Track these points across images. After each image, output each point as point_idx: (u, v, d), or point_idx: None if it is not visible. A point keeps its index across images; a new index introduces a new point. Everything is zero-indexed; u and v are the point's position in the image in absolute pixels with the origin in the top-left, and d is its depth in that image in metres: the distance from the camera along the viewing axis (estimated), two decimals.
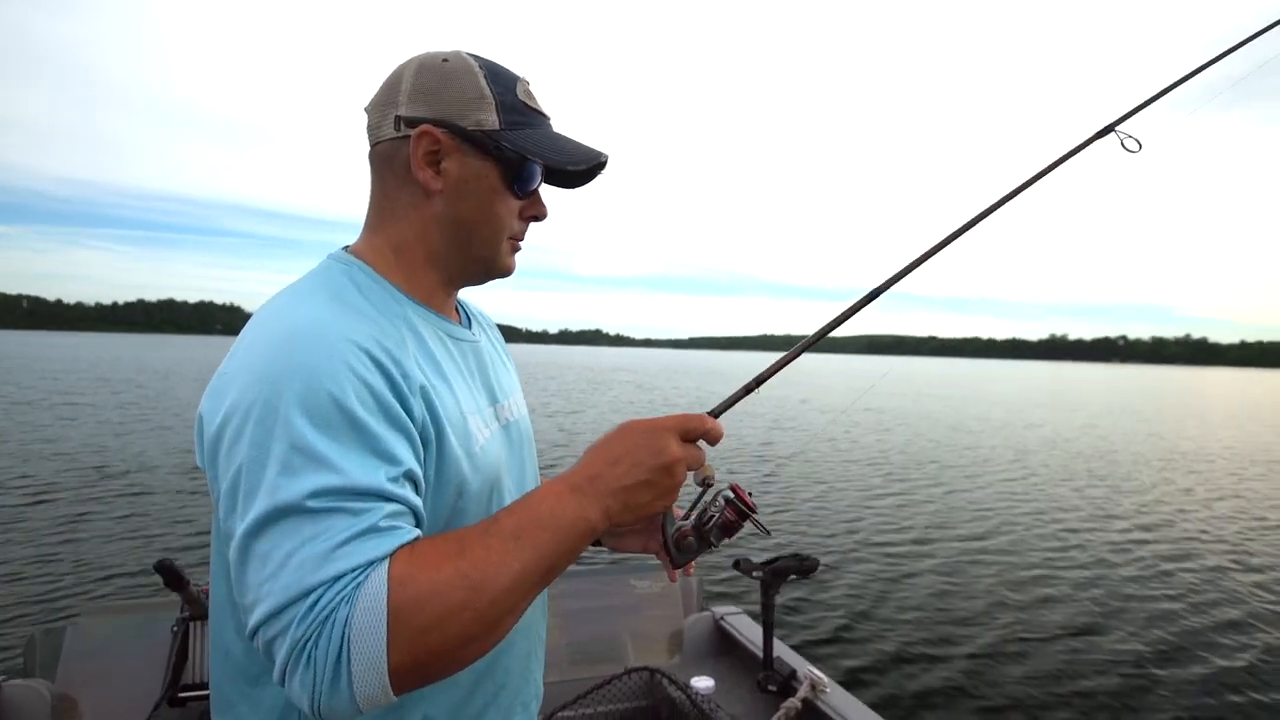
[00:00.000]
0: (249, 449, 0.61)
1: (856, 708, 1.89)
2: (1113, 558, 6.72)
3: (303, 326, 0.66)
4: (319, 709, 0.56)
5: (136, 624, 2.02)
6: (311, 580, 0.56)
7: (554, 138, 0.82)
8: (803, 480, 10.20)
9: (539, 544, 0.63)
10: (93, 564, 5.65)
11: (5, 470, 9.23)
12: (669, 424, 0.72)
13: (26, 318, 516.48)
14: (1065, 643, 4.69)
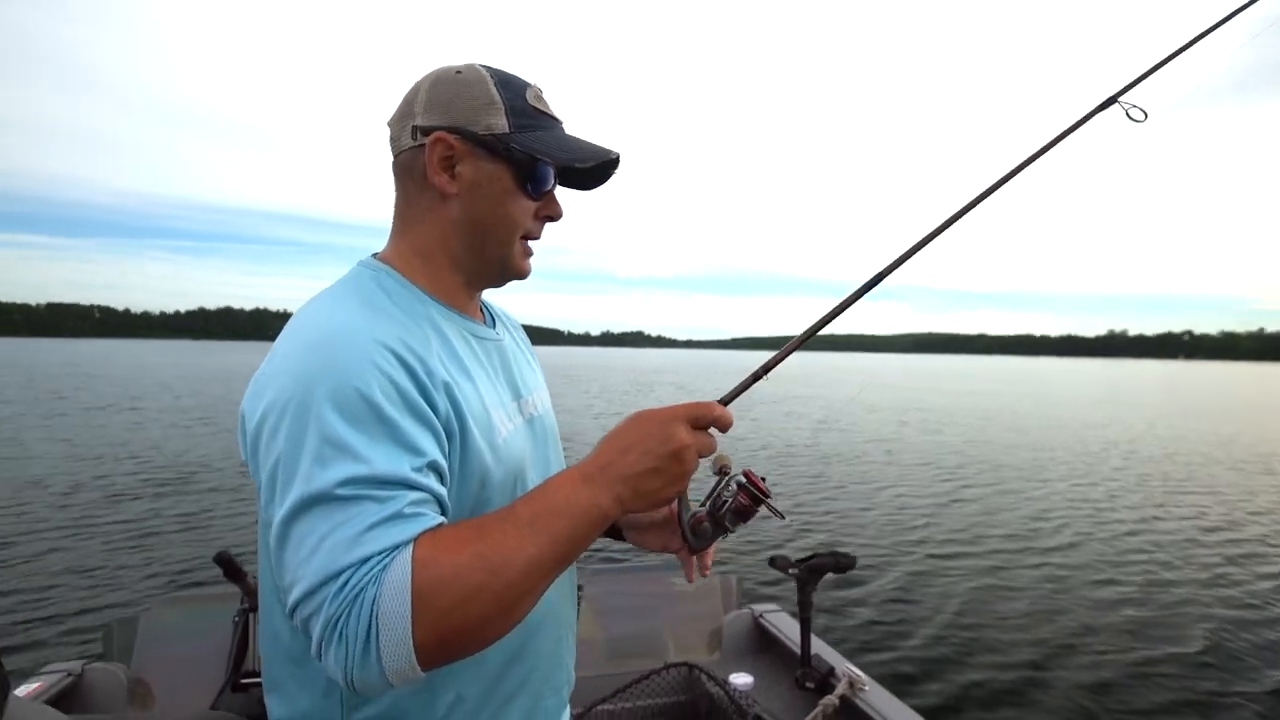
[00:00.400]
0: (285, 443, 0.66)
1: (895, 706, 1.88)
2: (1178, 561, 6.46)
3: (334, 330, 0.71)
4: (352, 682, 0.60)
5: (202, 614, 2.15)
6: (342, 562, 0.61)
7: (563, 138, 0.85)
8: (852, 480, 10.07)
9: (553, 530, 0.67)
10: (162, 558, 5.99)
11: (84, 471, 9.79)
12: (678, 412, 0.74)
13: (99, 326, 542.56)
14: (1121, 649, 4.53)
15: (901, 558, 6.32)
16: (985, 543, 6.93)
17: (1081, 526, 7.67)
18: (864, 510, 8.22)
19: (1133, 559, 6.51)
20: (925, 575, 5.88)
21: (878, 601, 5.27)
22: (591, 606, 2.40)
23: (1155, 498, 9.39)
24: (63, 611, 4.71)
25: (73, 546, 6.33)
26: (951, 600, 5.33)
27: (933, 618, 4.98)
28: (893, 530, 7.34)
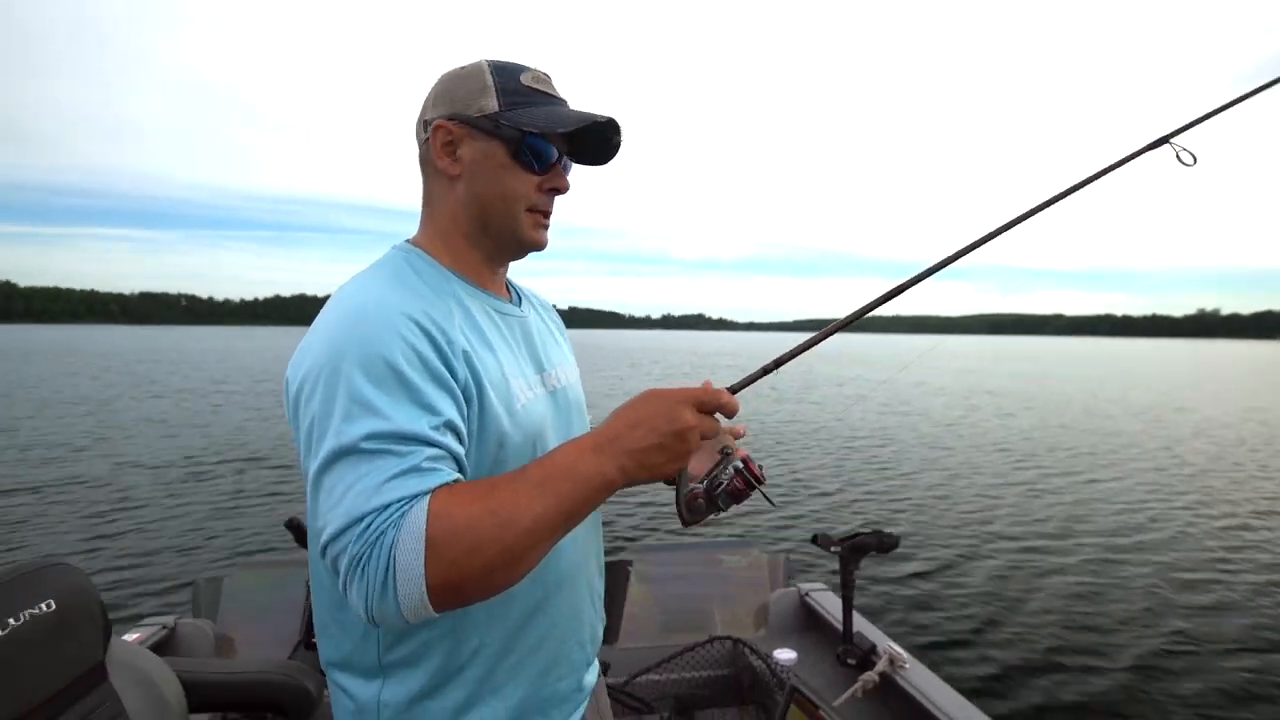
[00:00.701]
0: (319, 403, 0.73)
1: (934, 683, 1.89)
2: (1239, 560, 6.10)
3: (364, 304, 0.78)
4: (372, 615, 0.67)
5: (280, 577, 2.33)
6: (365, 507, 0.67)
7: (550, 111, 0.88)
8: (911, 461, 9.89)
9: (560, 492, 0.71)
10: (244, 527, 6.59)
11: (175, 450, 10.60)
12: (687, 395, 0.78)
13: (185, 314, 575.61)
14: (1170, 636, 4.35)
15: (959, 542, 6.19)
16: (1043, 529, 6.70)
17: (1151, 516, 7.32)
18: (922, 492, 8.07)
19: (1191, 552, 6.19)
20: (980, 560, 5.76)
21: (930, 583, 5.23)
22: (642, 581, 2.48)
23: (1238, 492, 8.85)
24: (160, 575, 5.25)
25: (166, 515, 6.97)
26: (1004, 584, 5.24)
27: (984, 601, 4.92)
28: (951, 513, 7.19)
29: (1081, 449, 11.39)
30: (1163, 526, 6.91)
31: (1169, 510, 7.54)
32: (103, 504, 7.39)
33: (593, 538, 1.03)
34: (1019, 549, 6.08)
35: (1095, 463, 10.22)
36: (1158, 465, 10.16)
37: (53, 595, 1.21)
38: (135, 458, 9.89)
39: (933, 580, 5.31)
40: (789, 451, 10.94)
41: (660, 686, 2.18)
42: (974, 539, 6.35)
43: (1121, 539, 6.45)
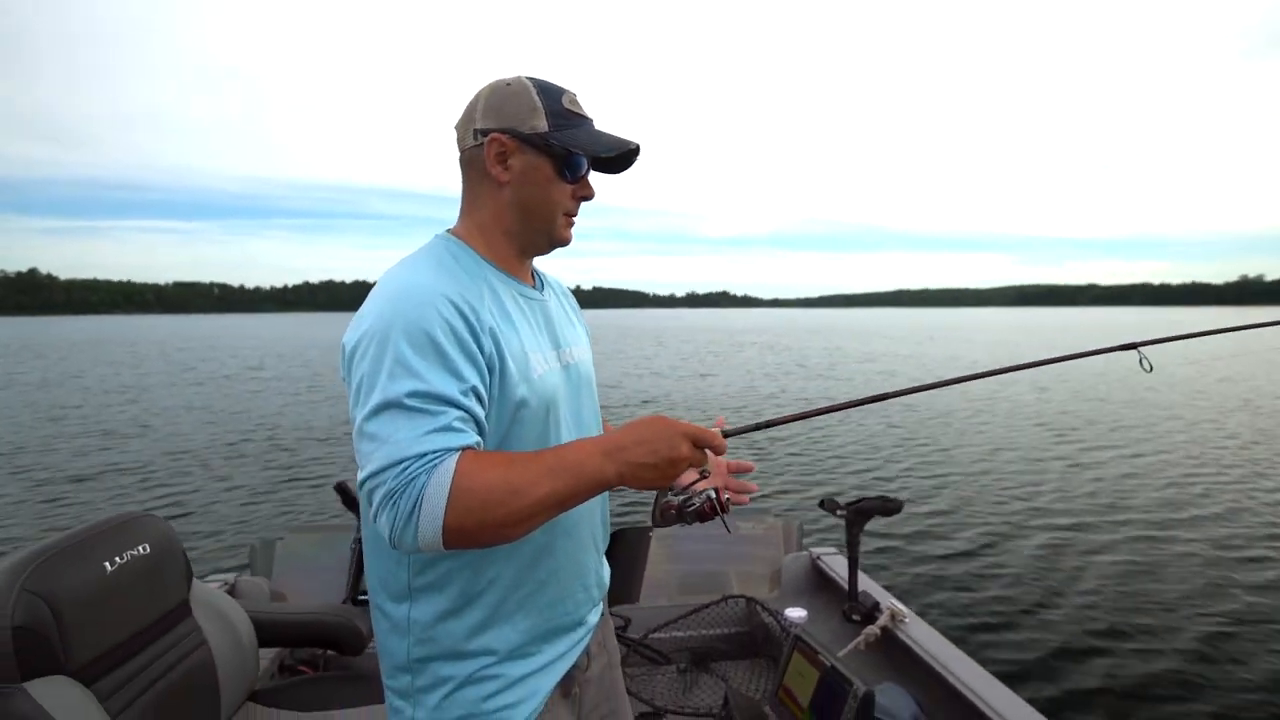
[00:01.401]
0: (370, 363, 0.88)
1: (932, 636, 2.02)
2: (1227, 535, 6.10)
3: (411, 284, 0.94)
4: (394, 540, 0.83)
5: (328, 540, 2.53)
6: (405, 453, 0.82)
7: (592, 133, 1.05)
8: (927, 433, 9.93)
9: (565, 480, 0.86)
10: (291, 499, 7.26)
11: (221, 432, 11.15)
12: (689, 430, 0.92)
13: (218, 303, 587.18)
14: (1152, 603, 4.42)
15: (971, 509, 6.30)
16: (1066, 502, 6.75)
17: (1178, 489, 7.31)
18: (940, 462, 8.14)
19: (1207, 523, 6.20)
20: (989, 527, 5.88)
21: (935, 546, 5.46)
22: (662, 545, 2.63)
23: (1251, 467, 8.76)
24: (215, 544, 5.80)
25: (217, 491, 7.57)
26: (1012, 552, 5.39)
27: (984, 562, 5.14)
28: (970, 485, 7.26)
29: (1115, 423, 11.29)
30: (1176, 495, 6.92)
31: (1184, 479, 7.53)
32: (155, 484, 7.87)
33: (599, 496, 1.17)
34: (1041, 522, 6.15)
35: (1128, 436, 10.14)
36: (1195, 439, 10.06)
37: (147, 541, 1.41)
38: (181, 442, 10.36)
39: (937, 544, 5.52)
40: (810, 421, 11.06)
41: (678, 641, 2.34)
42: (983, 507, 6.46)
43: (1127, 502, 6.51)
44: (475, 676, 1.00)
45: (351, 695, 1.65)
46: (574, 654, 1.13)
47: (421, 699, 1.01)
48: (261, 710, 1.61)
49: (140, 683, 1.33)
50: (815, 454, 8.87)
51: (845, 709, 1.59)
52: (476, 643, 1.00)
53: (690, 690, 2.10)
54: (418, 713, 1.01)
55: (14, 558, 1.22)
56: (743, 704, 1.81)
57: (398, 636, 1.01)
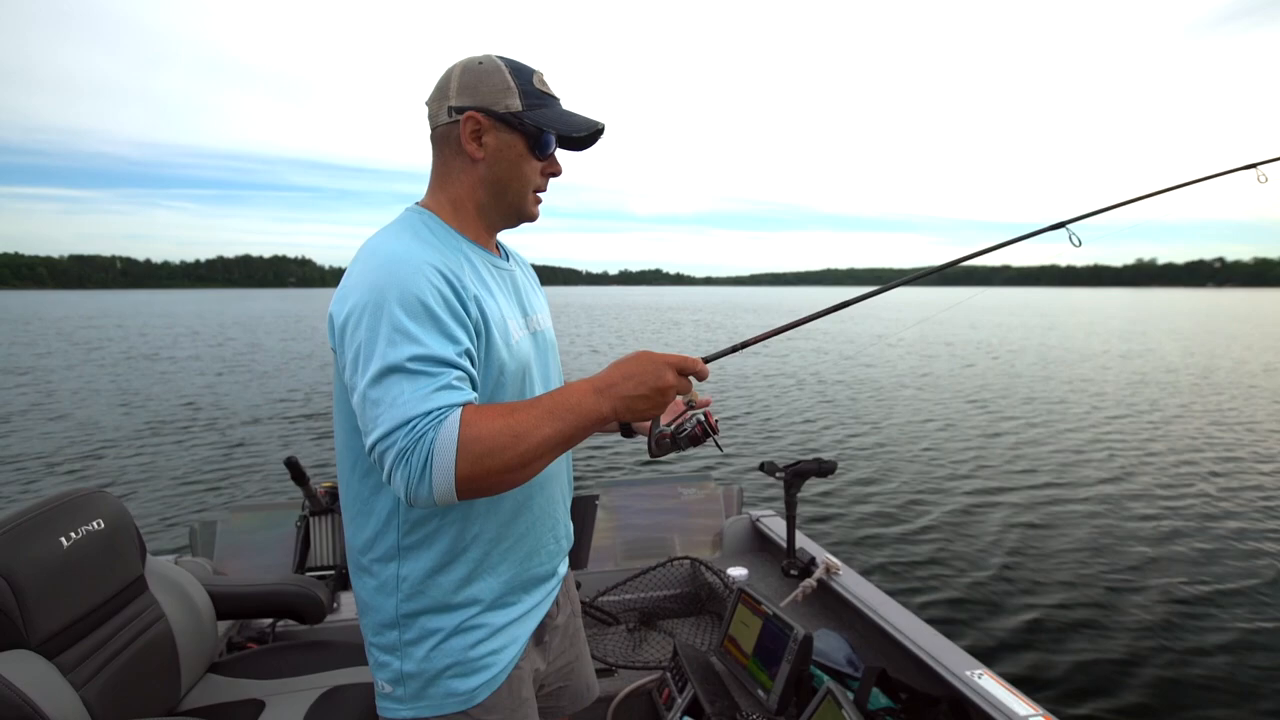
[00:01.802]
0: (366, 332, 0.91)
1: (863, 584, 2.18)
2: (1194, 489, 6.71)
3: (398, 254, 0.96)
4: (410, 497, 0.87)
5: (270, 518, 2.50)
6: (413, 412, 0.86)
7: (562, 113, 1.10)
8: (870, 408, 10.37)
9: (564, 420, 0.91)
10: (227, 481, 6.92)
11: (149, 414, 10.59)
12: (671, 360, 0.99)
13: (121, 277, 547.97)
14: (1068, 547, 4.88)
15: (897, 472, 6.70)
16: (985, 463, 7.25)
17: (1094, 448, 7.94)
18: (868, 432, 8.56)
19: (1104, 474, 6.78)
20: (914, 487, 6.30)
21: (866, 503, 5.92)
22: (608, 513, 2.72)
23: (1152, 430, 9.56)
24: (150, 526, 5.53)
25: (142, 476, 7.19)
26: (936, 508, 5.84)
27: (912, 519, 5.59)
28: (900, 451, 7.69)
29: (1030, 394, 12.05)
30: (1067, 453, 7.51)
31: (1076, 437, 8.16)
32: (71, 469, 7.44)
33: (567, 454, 1.24)
34: (952, 479, 6.59)
35: (1038, 408, 10.85)
36: (1098, 407, 10.86)
37: (101, 516, 1.39)
38: (100, 428, 9.77)
39: (867, 500, 5.97)
40: (751, 391, 11.42)
41: (626, 602, 2.44)
42: (911, 469, 6.87)
43: (1033, 465, 7.03)
44: (462, 627, 1.06)
45: (312, 662, 1.67)
46: (548, 603, 1.20)
47: (409, 651, 1.06)
48: (223, 681, 1.62)
49: (101, 656, 1.33)
50: (755, 426, 9.21)
51: (786, 652, 1.71)
52: (463, 594, 1.06)
53: (640, 646, 2.20)
54: (405, 665, 1.06)
55: None
56: (691, 655, 1.91)
57: (384, 595, 1.06)
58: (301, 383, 13.88)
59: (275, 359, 18.37)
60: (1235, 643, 3.69)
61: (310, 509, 2.39)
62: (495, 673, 1.09)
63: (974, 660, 1.69)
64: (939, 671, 1.67)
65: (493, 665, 1.09)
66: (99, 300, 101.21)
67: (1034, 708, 1.48)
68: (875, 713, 1.65)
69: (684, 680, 1.82)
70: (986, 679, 1.60)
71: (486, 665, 1.08)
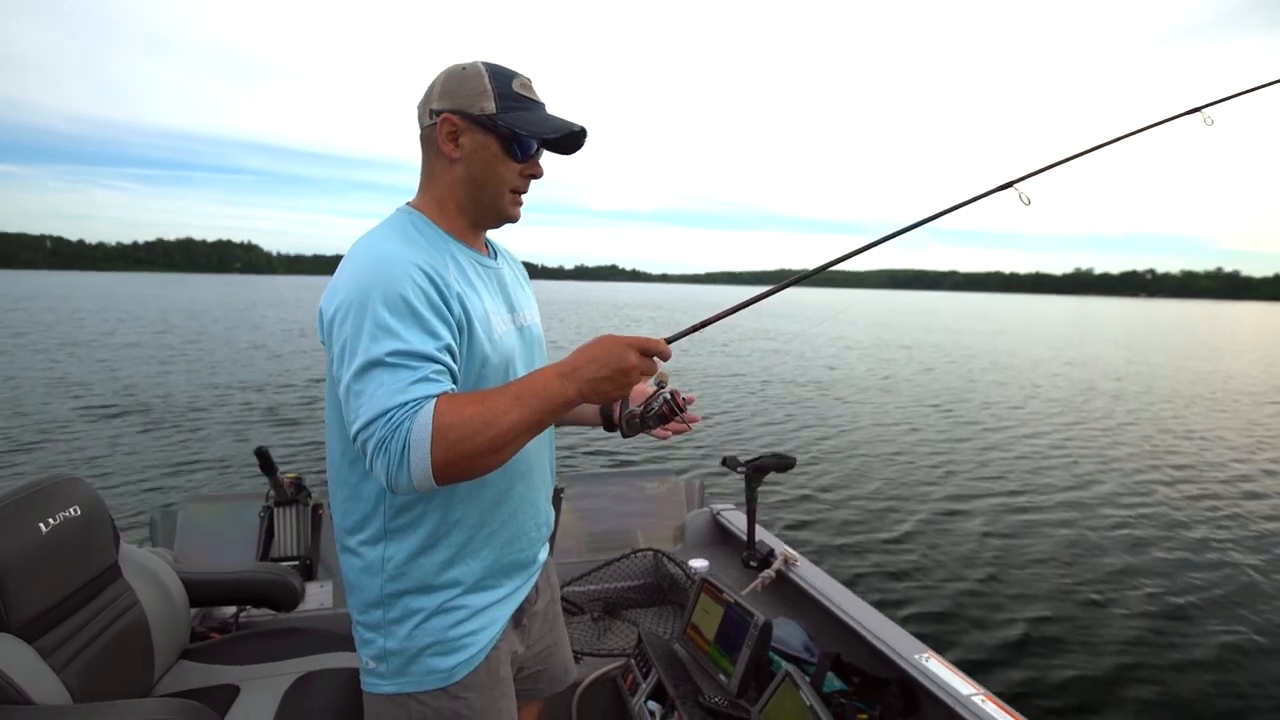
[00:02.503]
0: (351, 328, 0.96)
1: (820, 576, 2.28)
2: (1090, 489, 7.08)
3: (384, 253, 1.02)
4: (390, 483, 0.92)
5: (231, 509, 2.48)
6: (390, 404, 0.91)
7: (540, 116, 1.13)
8: (836, 410, 10.63)
9: (532, 404, 0.96)
10: (181, 471, 6.83)
11: (94, 401, 10.21)
12: (634, 341, 1.02)
13: (51, 258, 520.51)
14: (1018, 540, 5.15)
15: (851, 465, 6.92)
16: (945, 463, 7.54)
17: (1038, 445, 8.32)
18: (827, 434, 8.80)
19: (1059, 475, 7.13)
20: (868, 480, 6.52)
21: (823, 497, 6.17)
22: (572, 506, 2.76)
23: (1096, 436, 10.03)
24: None
25: (88, 463, 7.00)
26: (889, 501, 6.12)
27: (867, 513, 5.82)
28: (863, 450, 7.95)
29: (984, 399, 12.48)
30: (1022, 452, 7.86)
31: (1033, 438, 8.54)
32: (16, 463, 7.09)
33: (547, 445, 1.30)
34: (911, 477, 6.84)
35: (994, 412, 11.27)
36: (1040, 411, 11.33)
37: (76, 503, 1.39)
38: (42, 413, 9.40)
39: (825, 495, 6.21)
40: (715, 391, 11.60)
41: (590, 593, 2.49)
42: (867, 466, 7.13)
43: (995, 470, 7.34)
44: (443, 607, 1.11)
45: (284, 649, 1.68)
46: (527, 587, 1.26)
47: (392, 630, 1.10)
48: (196, 667, 1.62)
49: (79, 640, 1.34)
50: (717, 424, 9.39)
51: (747, 638, 1.79)
52: (445, 576, 1.11)
53: (604, 635, 2.26)
54: (389, 643, 1.10)
55: None
56: (655, 642, 1.98)
57: (370, 576, 1.10)
58: (256, 373, 13.53)
59: (224, 348, 17.83)
60: (1164, 623, 3.99)
61: (275, 499, 2.38)
62: (474, 652, 1.14)
63: (922, 645, 1.79)
64: (889, 656, 1.76)
65: (472, 645, 1.13)
66: (26, 281, 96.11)
67: (976, 687, 1.59)
68: (830, 695, 1.74)
69: (648, 666, 1.88)
70: (933, 662, 1.71)
71: (466, 645, 1.13)
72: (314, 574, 2.41)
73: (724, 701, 1.71)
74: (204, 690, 1.53)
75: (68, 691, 1.24)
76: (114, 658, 1.40)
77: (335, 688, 1.56)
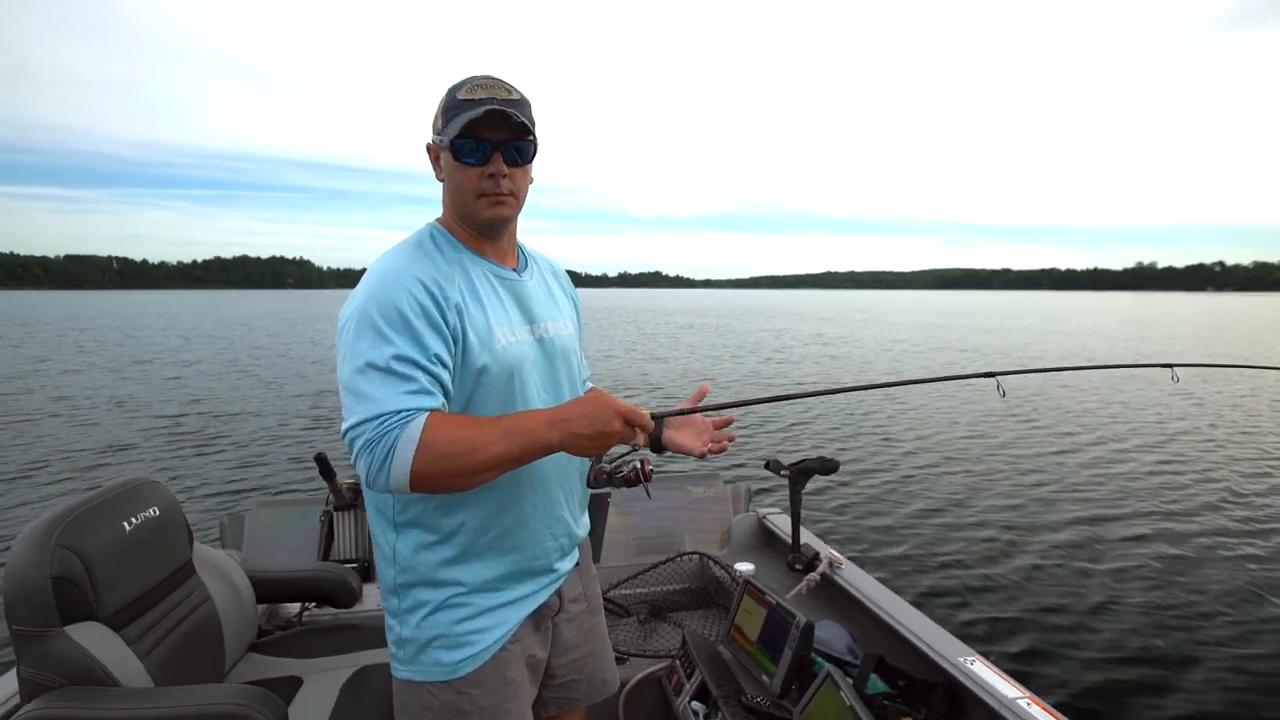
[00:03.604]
0: (352, 334, 1.06)
1: (865, 579, 2.29)
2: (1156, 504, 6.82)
3: (390, 267, 1.11)
4: (369, 480, 1.00)
5: (296, 513, 2.61)
6: (384, 409, 1.00)
7: (457, 119, 1.11)
8: (877, 412, 10.48)
9: (517, 442, 1.04)
10: (249, 478, 7.02)
11: (174, 413, 10.76)
12: (623, 409, 1.08)
13: (118, 278, 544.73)
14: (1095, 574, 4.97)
15: (898, 471, 6.79)
16: (975, 478, 7.35)
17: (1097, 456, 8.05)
18: (871, 434, 8.67)
19: (1105, 491, 6.89)
20: (917, 485, 6.42)
21: (871, 502, 6.06)
22: (620, 511, 2.82)
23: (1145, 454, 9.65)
24: None
25: (165, 471, 7.12)
26: (937, 505, 5.99)
27: (915, 515, 5.73)
28: (905, 449, 7.81)
29: (1033, 406, 12.15)
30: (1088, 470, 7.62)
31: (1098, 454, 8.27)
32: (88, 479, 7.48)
33: (576, 461, 1.30)
34: (955, 481, 6.69)
35: (1046, 419, 10.96)
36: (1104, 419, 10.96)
37: (156, 504, 1.52)
38: (112, 427, 9.90)
39: (871, 499, 6.10)
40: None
41: (637, 596, 2.54)
42: (910, 471, 6.97)
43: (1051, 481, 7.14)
44: (447, 603, 1.17)
45: (343, 644, 1.78)
46: (543, 594, 1.28)
47: (406, 618, 1.18)
48: (263, 659, 1.73)
49: (159, 631, 1.45)
50: (765, 428, 9.41)
51: (789, 639, 1.81)
52: (447, 574, 1.17)
53: (650, 637, 2.30)
54: (404, 630, 1.19)
55: (45, 517, 1.32)
56: (699, 643, 2.01)
57: (386, 565, 1.19)
58: (311, 383, 14.03)
59: (284, 361, 18.49)
60: (1229, 636, 3.82)
61: (335, 504, 2.50)
62: (478, 650, 1.18)
63: (968, 648, 1.79)
64: (935, 659, 1.76)
65: (476, 643, 1.18)
66: (96, 301, 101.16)
67: (1022, 691, 1.58)
68: (872, 697, 1.74)
69: (692, 667, 1.92)
70: (979, 665, 1.70)
71: (470, 642, 1.18)
72: (372, 575, 2.52)
73: (766, 701, 1.74)
74: (270, 680, 1.63)
75: (149, 676, 1.36)
76: (189, 648, 1.52)
77: (390, 681, 1.65)
